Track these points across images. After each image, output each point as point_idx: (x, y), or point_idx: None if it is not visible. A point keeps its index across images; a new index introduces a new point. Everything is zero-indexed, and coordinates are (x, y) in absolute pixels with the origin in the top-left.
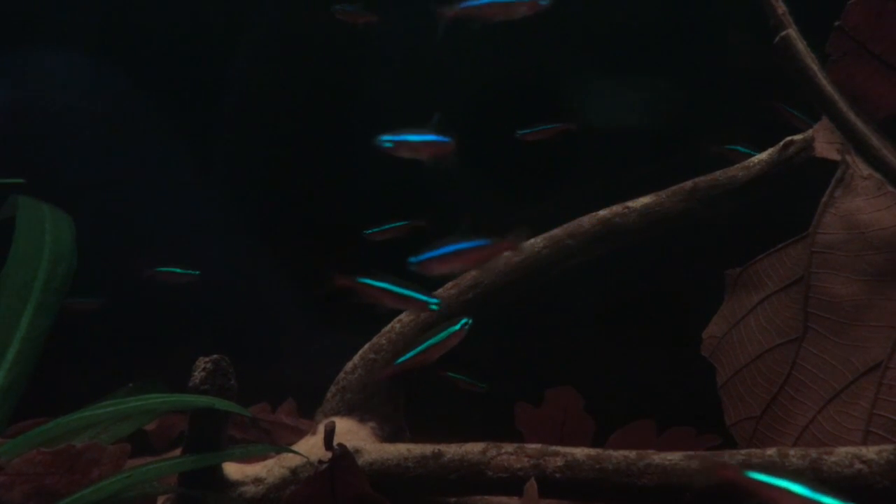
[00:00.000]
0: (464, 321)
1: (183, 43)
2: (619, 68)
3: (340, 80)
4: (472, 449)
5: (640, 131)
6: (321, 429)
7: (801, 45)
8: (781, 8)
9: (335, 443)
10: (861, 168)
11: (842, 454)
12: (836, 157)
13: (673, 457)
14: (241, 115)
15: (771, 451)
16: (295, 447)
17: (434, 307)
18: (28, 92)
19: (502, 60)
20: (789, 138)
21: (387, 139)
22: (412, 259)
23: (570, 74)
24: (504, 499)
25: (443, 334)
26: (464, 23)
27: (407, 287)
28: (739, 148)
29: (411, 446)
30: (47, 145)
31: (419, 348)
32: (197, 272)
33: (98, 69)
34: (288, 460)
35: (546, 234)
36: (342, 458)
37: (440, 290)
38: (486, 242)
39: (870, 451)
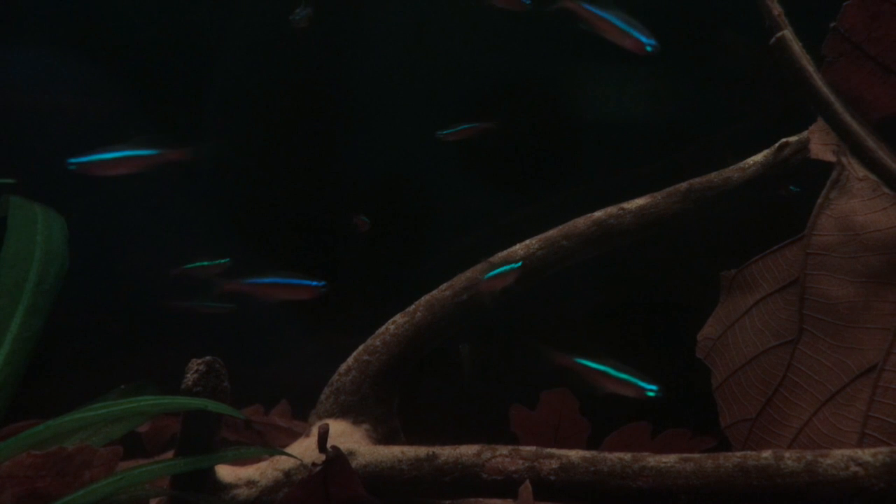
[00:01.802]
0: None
1: (171, 40)
2: (615, 68)
3: (333, 79)
4: (467, 451)
5: (636, 132)
6: (315, 431)
7: (796, 46)
8: (777, 9)
9: (329, 445)
10: (857, 170)
11: (837, 456)
12: (831, 158)
13: (668, 459)
14: (232, 112)
15: (766, 454)
16: (288, 449)
17: (652, 394)
18: (15, 90)
19: (500, 58)
20: (784, 140)
21: (73, 161)
22: (71, 160)
23: (569, 73)
24: (499, 501)
25: (505, 268)
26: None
27: (624, 371)
28: None
29: (405, 448)
30: (38, 145)
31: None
32: (226, 260)
33: (85, 67)
34: (281, 462)
35: (541, 236)
36: (336, 460)
37: (435, 291)
38: (155, 151)
39: (865, 454)
